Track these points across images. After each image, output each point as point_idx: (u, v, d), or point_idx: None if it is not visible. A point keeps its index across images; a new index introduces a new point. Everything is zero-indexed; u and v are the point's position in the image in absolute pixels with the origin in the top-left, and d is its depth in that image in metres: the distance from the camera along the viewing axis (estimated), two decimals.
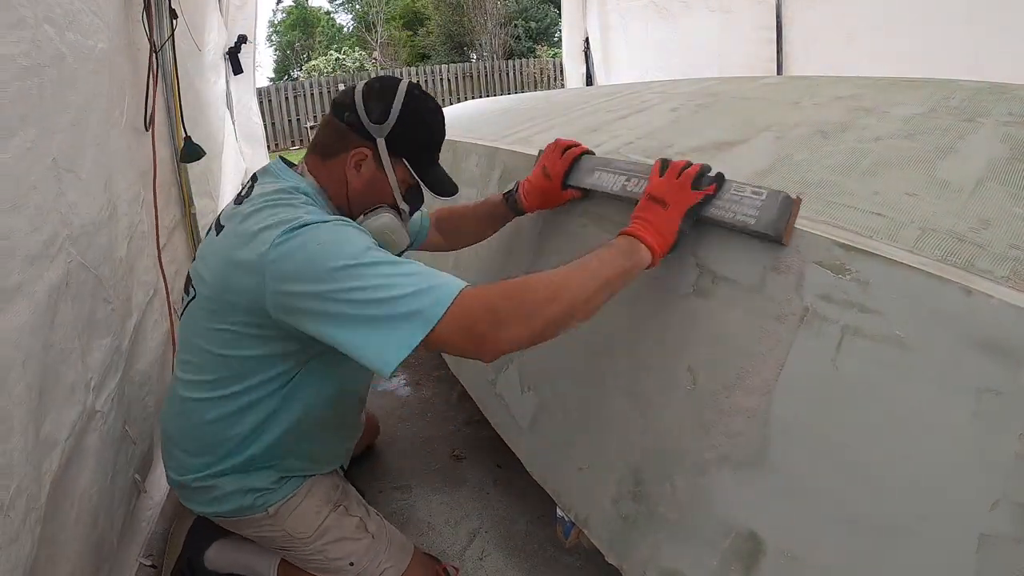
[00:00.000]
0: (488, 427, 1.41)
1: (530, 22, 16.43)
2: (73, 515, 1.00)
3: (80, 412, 1.02)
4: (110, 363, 1.15)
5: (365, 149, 1.04)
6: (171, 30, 1.96)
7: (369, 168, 1.05)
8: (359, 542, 1.17)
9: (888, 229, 0.77)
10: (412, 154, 1.07)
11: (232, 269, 0.94)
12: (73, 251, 1.03)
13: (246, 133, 3.44)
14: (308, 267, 0.85)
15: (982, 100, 1.16)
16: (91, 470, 1.06)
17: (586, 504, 1.06)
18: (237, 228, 0.96)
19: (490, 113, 2.42)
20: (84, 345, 1.06)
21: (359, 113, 1.03)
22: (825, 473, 0.74)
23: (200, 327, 1.02)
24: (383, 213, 1.07)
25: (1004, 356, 0.62)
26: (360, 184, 1.06)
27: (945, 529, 0.64)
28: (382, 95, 1.04)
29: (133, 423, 1.33)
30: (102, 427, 1.10)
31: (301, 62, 18.00)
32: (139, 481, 1.34)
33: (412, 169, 1.07)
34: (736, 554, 0.80)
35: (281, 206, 0.95)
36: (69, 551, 0.98)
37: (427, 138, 1.09)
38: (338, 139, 1.05)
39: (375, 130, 1.03)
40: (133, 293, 1.35)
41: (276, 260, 0.87)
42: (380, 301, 0.81)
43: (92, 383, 1.07)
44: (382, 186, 1.07)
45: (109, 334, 1.15)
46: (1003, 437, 0.61)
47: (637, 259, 0.87)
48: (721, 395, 0.86)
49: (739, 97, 1.55)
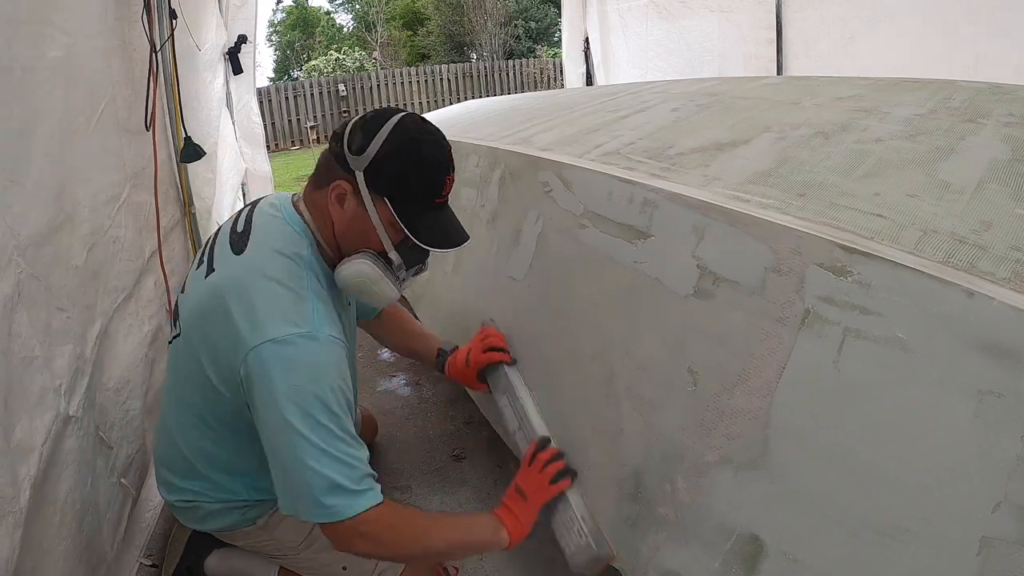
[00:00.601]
0: (488, 427, 1.41)
1: (530, 22, 16.42)
2: (57, 520, 1.00)
3: (54, 417, 1.01)
4: (76, 369, 1.14)
5: (344, 182, 0.95)
6: (171, 30, 1.95)
7: (350, 205, 0.96)
8: None
9: (889, 231, 0.77)
10: (395, 192, 0.94)
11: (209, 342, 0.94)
12: (22, 262, 1.01)
13: (246, 133, 3.44)
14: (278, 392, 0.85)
15: (983, 101, 1.16)
16: (72, 475, 1.06)
17: (586, 504, 1.05)
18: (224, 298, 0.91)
19: (490, 113, 2.42)
20: (47, 352, 1.05)
21: (343, 142, 0.95)
22: (827, 475, 0.74)
23: (185, 370, 1.02)
24: (360, 260, 0.97)
25: (1005, 358, 0.62)
26: (342, 222, 0.98)
27: (946, 531, 0.64)
28: (369, 123, 0.95)
29: (110, 428, 1.32)
30: (78, 432, 1.10)
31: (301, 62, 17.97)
32: (126, 485, 1.34)
33: (394, 212, 0.94)
34: (737, 556, 0.80)
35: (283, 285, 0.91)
36: (55, 555, 0.98)
37: (415, 175, 0.95)
38: (325, 169, 0.99)
39: (353, 161, 0.93)
40: (97, 299, 1.34)
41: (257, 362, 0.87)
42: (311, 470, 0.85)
43: (63, 388, 1.07)
44: (366, 227, 0.96)
45: (69, 341, 1.14)
46: (1004, 439, 0.61)
47: (497, 540, 1.01)
48: (722, 396, 0.86)
49: (739, 97, 1.55)
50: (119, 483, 1.32)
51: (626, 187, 1.09)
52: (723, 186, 0.99)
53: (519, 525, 1.02)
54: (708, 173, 1.05)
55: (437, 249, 0.99)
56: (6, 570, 0.82)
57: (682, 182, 1.03)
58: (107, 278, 1.42)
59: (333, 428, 0.86)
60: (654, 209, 1.02)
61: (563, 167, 1.27)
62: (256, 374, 0.86)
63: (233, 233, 1.00)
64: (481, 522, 1.04)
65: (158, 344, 1.67)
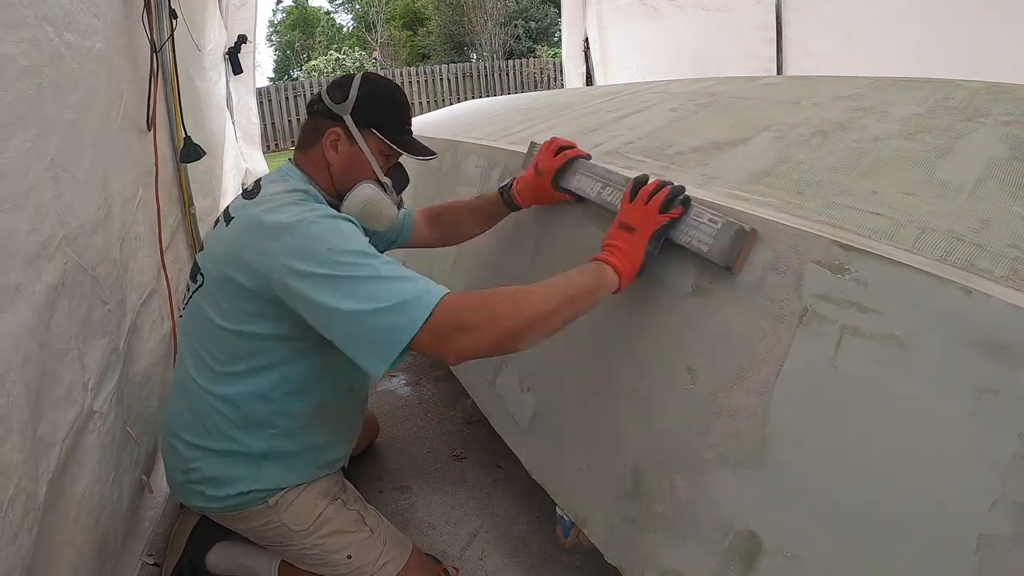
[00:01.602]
0: (488, 427, 1.41)
1: (530, 22, 16.42)
2: (72, 515, 1.00)
3: (78, 412, 1.02)
4: (108, 364, 1.14)
5: (336, 129, 1.11)
6: (171, 30, 1.96)
7: (344, 146, 1.12)
8: (356, 535, 1.18)
9: (887, 229, 0.77)
10: (380, 122, 1.13)
11: (244, 251, 0.98)
12: (70, 252, 1.03)
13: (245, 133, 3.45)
14: (319, 249, 0.91)
15: (981, 100, 1.16)
16: (91, 470, 1.06)
17: (586, 504, 1.06)
18: (252, 216, 1.01)
19: (490, 113, 2.42)
20: (81, 346, 1.05)
21: (325, 101, 1.12)
22: (824, 473, 0.74)
23: (209, 309, 1.05)
24: (363, 186, 1.12)
25: (1003, 356, 0.62)
26: (339, 163, 1.12)
27: (944, 529, 0.64)
28: (342, 82, 1.14)
29: (135, 423, 1.32)
30: (101, 427, 1.10)
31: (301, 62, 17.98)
32: (146, 481, 1.34)
33: (383, 136, 1.13)
34: (735, 554, 0.80)
35: (295, 203, 1.02)
36: (69, 550, 0.98)
37: (390, 106, 1.15)
38: (312, 129, 1.14)
39: (340, 109, 1.11)
40: (127, 294, 1.35)
41: (292, 241, 0.93)
42: (376, 295, 0.87)
43: (90, 383, 1.07)
44: (360, 161, 1.13)
45: (106, 335, 1.14)
46: (1002, 436, 0.61)
47: (604, 280, 0.91)
48: (720, 395, 0.86)
49: (739, 97, 1.56)
50: (140, 479, 1.32)
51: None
52: (722, 185, 0.99)
53: (629, 262, 0.93)
54: (707, 172, 1.06)
55: (423, 157, 1.18)
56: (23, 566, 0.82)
57: (681, 181, 1.03)
58: (134, 273, 1.43)
59: (371, 261, 0.90)
60: None
61: None
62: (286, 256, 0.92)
63: (245, 192, 1.12)
64: (579, 269, 0.93)
65: (170, 340, 1.68)
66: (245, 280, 0.99)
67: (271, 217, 0.98)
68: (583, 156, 1.20)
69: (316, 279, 0.89)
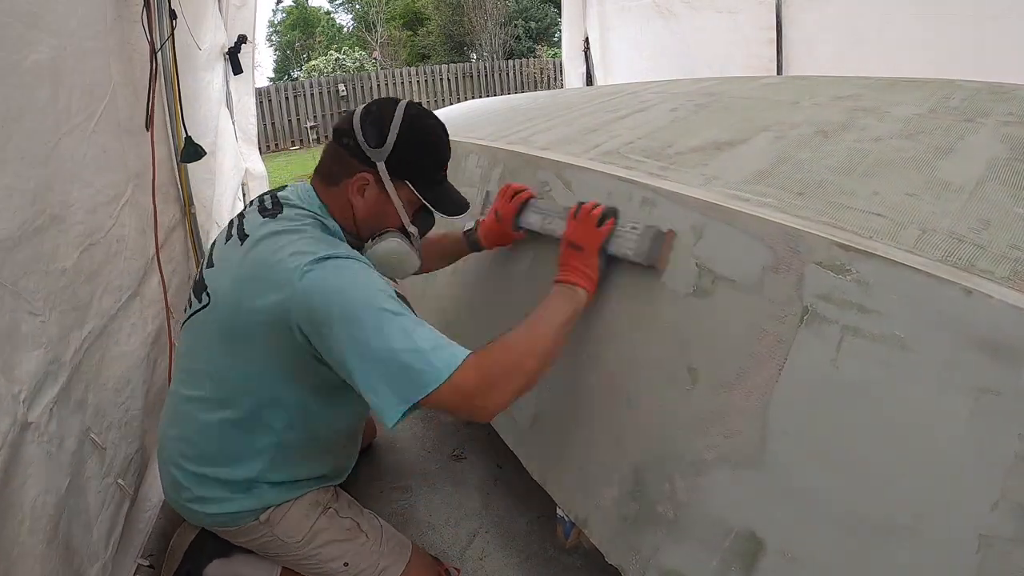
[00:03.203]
0: (488, 427, 1.41)
1: (530, 22, 16.42)
2: (26, 526, 0.98)
3: (11, 424, 0.99)
4: (45, 374, 1.13)
5: (367, 174, 1.04)
6: (171, 30, 1.95)
7: (372, 193, 1.05)
8: (351, 543, 1.17)
9: (888, 229, 0.77)
10: (415, 175, 1.07)
11: (264, 284, 0.94)
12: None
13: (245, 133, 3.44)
14: (330, 296, 0.88)
15: (982, 100, 1.16)
16: (38, 480, 1.04)
17: (586, 504, 1.06)
18: (275, 246, 0.96)
19: (490, 113, 2.42)
20: (7, 359, 1.04)
21: (357, 138, 1.03)
22: (825, 473, 0.74)
23: (213, 337, 1.02)
24: (389, 238, 1.08)
25: (1004, 356, 0.62)
26: (365, 209, 1.07)
27: (945, 529, 0.64)
28: (379, 119, 1.04)
29: (108, 429, 1.31)
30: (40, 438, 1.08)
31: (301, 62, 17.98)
32: (123, 486, 1.34)
33: (416, 190, 1.07)
34: (736, 554, 0.80)
35: (319, 239, 0.98)
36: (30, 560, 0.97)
37: (429, 158, 1.08)
38: (340, 165, 1.06)
39: (374, 154, 1.03)
40: (94, 300, 1.33)
41: (306, 286, 0.89)
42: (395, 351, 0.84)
43: (21, 395, 1.05)
44: (387, 210, 1.07)
45: (39, 346, 1.13)
46: (1003, 437, 0.61)
47: (578, 301, 1.00)
48: (721, 395, 0.86)
49: (739, 97, 1.55)
50: (116, 484, 1.32)
51: (625, 186, 1.09)
52: (722, 185, 0.99)
53: (586, 275, 1.02)
54: (707, 172, 1.05)
55: (455, 216, 1.13)
56: None
57: (681, 181, 1.03)
58: (109, 277, 1.42)
59: (395, 310, 0.88)
60: (653, 208, 1.02)
61: (562, 166, 1.27)
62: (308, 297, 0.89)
63: (263, 209, 1.06)
64: (553, 297, 1.00)
65: (160, 343, 1.67)
66: (262, 314, 0.94)
67: (296, 249, 0.93)
68: (533, 197, 1.28)
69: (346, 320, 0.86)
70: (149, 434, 1.52)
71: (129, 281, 1.52)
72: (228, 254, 1.04)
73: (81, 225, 1.32)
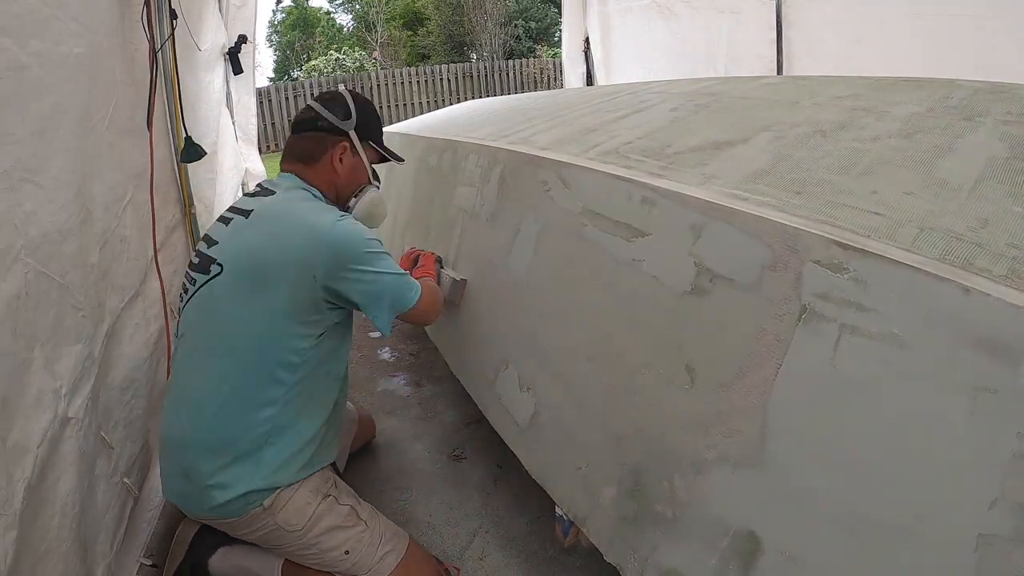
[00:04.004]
0: (488, 427, 1.41)
1: (530, 22, 16.42)
2: (56, 522, 0.99)
3: (51, 419, 1.00)
4: (82, 370, 1.13)
5: (344, 142, 1.30)
6: (171, 30, 1.96)
7: (348, 158, 1.31)
8: (351, 530, 1.19)
9: (886, 228, 0.77)
10: (375, 135, 1.37)
11: (281, 238, 1.12)
12: (31, 261, 1.00)
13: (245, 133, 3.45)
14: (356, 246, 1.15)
15: (981, 100, 1.16)
16: (70, 477, 1.05)
17: (585, 503, 1.06)
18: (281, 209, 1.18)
19: (490, 113, 2.42)
20: (50, 353, 1.04)
21: (327, 117, 1.29)
22: (823, 472, 0.74)
23: (228, 298, 1.12)
24: (370, 190, 1.37)
25: (1002, 355, 0.62)
26: (345, 173, 1.31)
27: (943, 528, 0.64)
28: (337, 99, 1.32)
29: (115, 428, 1.32)
30: (78, 433, 1.09)
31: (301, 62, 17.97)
32: (129, 485, 1.34)
33: (378, 147, 1.38)
34: (734, 553, 0.80)
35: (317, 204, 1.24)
36: (55, 556, 0.98)
37: (378, 121, 1.40)
38: (318, 144, 1.29)
39: (345, 125, 1.30)
40: (107, 298, 1.34)
41: (336, 236, 1.13)
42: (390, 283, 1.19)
43: (63, 390, 1.05)
44: (360, 169, 1.34)
45: (80, 341, 1.13)
46: (1001, 436, 0.61)
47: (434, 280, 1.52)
48: (719, 394, 0.86)
49: (738, 97, 1.56)
50: (122, 483, 1.32)
51: (625, 186, 1.09)
52: (721, 184, 0.99)
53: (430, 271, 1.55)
54: (706, 172, 1.06)
55: (400, 161, 1.48)
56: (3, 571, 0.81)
57: (680, 181, 1.04)
58: (116, 276, 1.42)
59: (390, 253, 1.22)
60: (652, 207, 1.03)
61: (562, 166, 1.27)
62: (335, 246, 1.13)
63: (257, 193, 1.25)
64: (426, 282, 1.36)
65: (162, 343, 1.67)
66: (283, 262, 1.10)
67: (315, 209, 1.19)
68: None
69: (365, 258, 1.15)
70: (152, 434, 1.52)
71: (132, 281, 1.53)
72: (234, 230, 1.18)
73: (100, 223, 1.33)
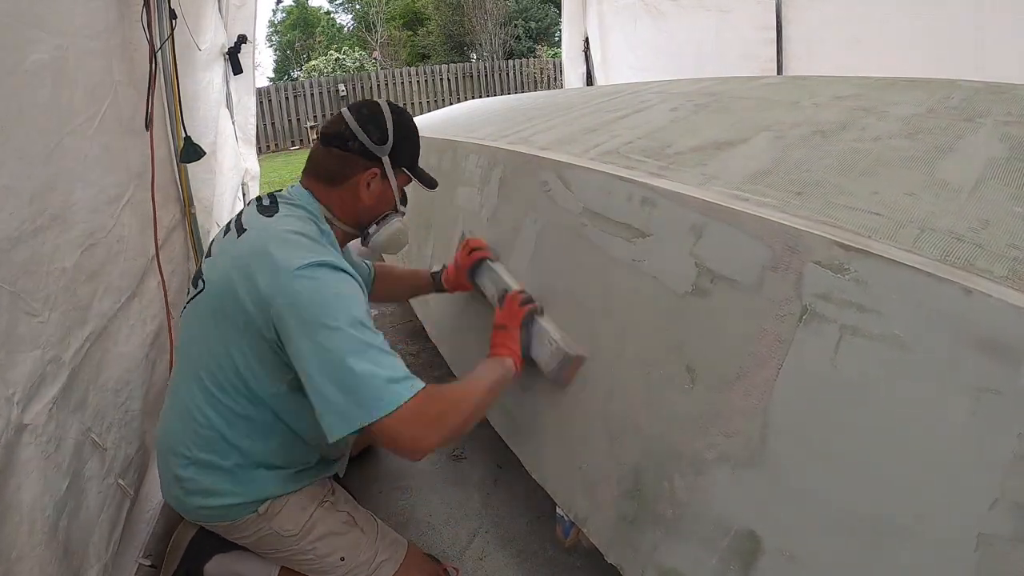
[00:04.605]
0: (488, 427, 1.41)
1: (530, 22, 16.43)
2: (24, 527, 0.98)
3: (4, 426, 0.98)
4: (42, 375, 1.13)
5: (375, 169, 1.16)
6: (171, 30, 1.96)
7: (377, 184, 1.18)
8: (347, 536, 1.18)
9: (887, 228, 0.77)
10: (410, 162, 1.22)
11: (253, 273, 0.99)
12: None
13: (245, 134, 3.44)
14: (315, 306, 0.93)
15: (981, 100, 1.16)
16: (36, 481, 1.04)
17: (585, 504, 1.06)
18: (268, 239, 1.02)
19: (490, 113, 2.42)
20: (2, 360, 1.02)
21: (361, 139, 1.14)
22: (824, 472, 0.74)
23: (208, 320, 1.07)
24: (393, 219, 1.23)
25: (1003, 355, 0.62)
26: (371, 200, 1.18)
27: (944, 528, 0.64)
28: (375, 119, 1.16)
29: (108, 429, 1.31)
30: (39, 439, 1.07)
31: (301, 62, 17.97)
32: (123, 486, 1.34)
33: (412, 174, 1.23)
34: (735, 553, 0.80)
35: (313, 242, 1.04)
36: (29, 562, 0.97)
37: (416, 146, 1.24)
38: (346, 166, 1.16)
39: (379, 150, 1.16)
40: (94, 300, 1.33)
41: (297, 286, 0.95)
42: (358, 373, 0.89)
43: (16, 397, 1.04)
44: (387, 196, 1.21)
45: (37, 347, 1.12)
46: (1002, 437, 0.61)
47: (506, 367, 1.12)
48: (720, 394, 0.86)
49: (738, 97, 1.56)
50: (117, 484, 1.32)
51: (625, 186, 1.09)
52: (721, 185, 0.99)
53: (510, 348, 1.17)
54: (706, 172, 1.06)
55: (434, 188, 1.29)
56: None
57: (680, 181, 1.04)
58: (109, 278, 1.41)
59: (368, 334, 0.93)
60: (653, 208, 1.03)
61: (562, 166, 1.27)
62: (292, 295, 0.95)
63: (261, 207, 1.14)
64: (488, 366, 1.12)
65: (160, 344, 1.67)
66: (247, 301, 0.99)
67: (292, 248, 1.00)
68: (489, 258, 1.42)
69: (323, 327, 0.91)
70: (149, 434, 1.52)
71: (129, 281, 1.52)
72: (226, 246, 1.11)
73: (83, 225, 1.31)
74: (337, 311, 0.92)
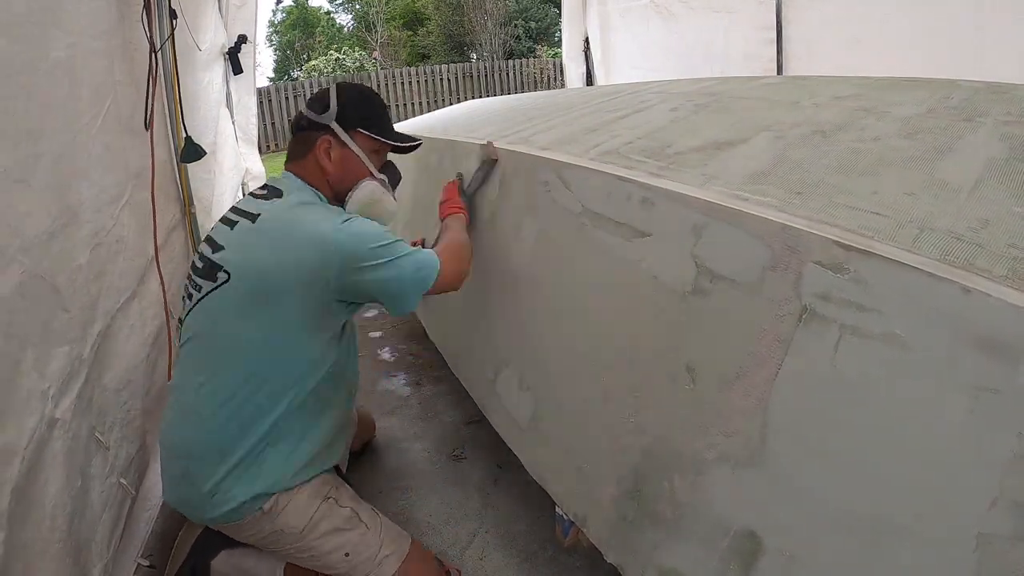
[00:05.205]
0: (488, 427, 1.41)
1: (530, 22, 16.41)
2: (46, 524, 0.98)
3: (39, 420, 1.00)
4: (71, 371, 1.13)
5: (326, 137, 1.23)
6: (171, 30, 1.96)
7: (336, 151, 1.24)
8: (351, 532, 1.18)
9: (887, 228, 0.77)
10: (364, 121, 1.26)
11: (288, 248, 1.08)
12: (26, 261, 1.01)
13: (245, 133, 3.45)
14: (364, 244, 1.10)
15: (981, 100, 1.16)
16: (59, 477, 1.05)
17: (585, 503, 1.06)
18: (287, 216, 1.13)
19: (490, 113, 2.42)
20: (39, 354, 1.04)
21: (308, 115, 1.24)
22: (824, 472, 0.74)
23: (234, 308, 1.09)
24: (364, 183, 1.27)
25: (1002, 355, 0.62)
26: (335, 168, 1.24)
27: (943, 528, 0.64)
28: (319, 96, 1.27)
29: (110, 429, 1.32)
30: (66, 435, 1.08)
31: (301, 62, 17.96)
32: (125, 485, 1.34)
33: (370, 133, 1.26)
34: (735, 553, 0.80)
35: (324, 207, 1.19)
36: (47, 558, 0.97)
37: (369, 104, 1.29)
38: (303, 143, 1.25)
39: (324, 118, 1.23)
40: (100, 299, 1.34)
41: (342, 240, 1.09)
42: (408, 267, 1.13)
43: (51, 391, 1.05)
44: (354, 161, 1.25)
45: (67, 342, 1.12)
46: (1001, 436, 0.61)
47: (462, 220, 1.41)
48: (720, 394, 0.86)
49: (738, 97, 1.56)
50: (118, 483, 1.32)
51: (625, 186, 1.09)
52: (721, 185, 0.99)
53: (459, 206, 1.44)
54: (707, 172, 1.06)
55: (408, 144, 1.33)
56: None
57: (681, 181, 1.04)
58: (111, 277, 1.42)
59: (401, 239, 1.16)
60: (652, 208, 1.03)
61: (562, 166, 1.27)
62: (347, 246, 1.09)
63: (263, 196, 1.21)
64: (452, 226, 1.38)
65: (159, 344, 1.67)
66: (294, 270, 1.07)
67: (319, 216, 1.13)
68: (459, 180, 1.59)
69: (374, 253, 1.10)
70: (150, 434, 1.52)
71: (129, 281, 1.53)
72: (240, 235, 1.14)
73: (90, 224, 1.32)
74: (376, 240, 1.11)
